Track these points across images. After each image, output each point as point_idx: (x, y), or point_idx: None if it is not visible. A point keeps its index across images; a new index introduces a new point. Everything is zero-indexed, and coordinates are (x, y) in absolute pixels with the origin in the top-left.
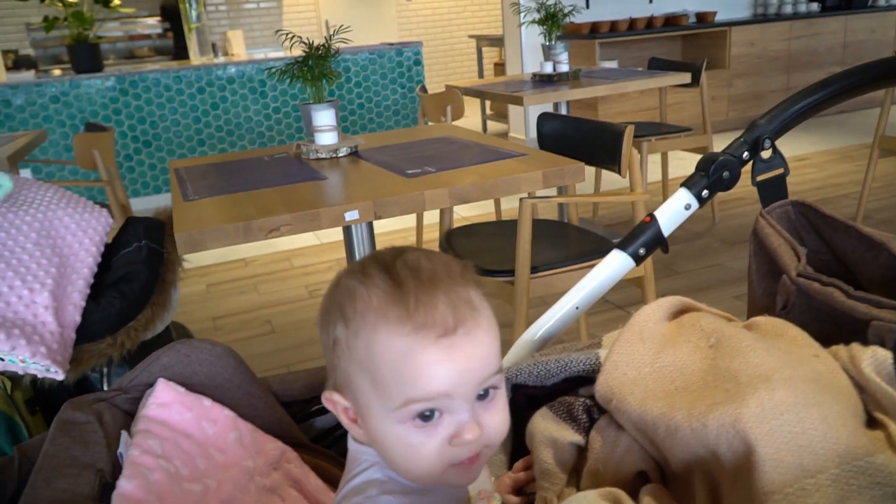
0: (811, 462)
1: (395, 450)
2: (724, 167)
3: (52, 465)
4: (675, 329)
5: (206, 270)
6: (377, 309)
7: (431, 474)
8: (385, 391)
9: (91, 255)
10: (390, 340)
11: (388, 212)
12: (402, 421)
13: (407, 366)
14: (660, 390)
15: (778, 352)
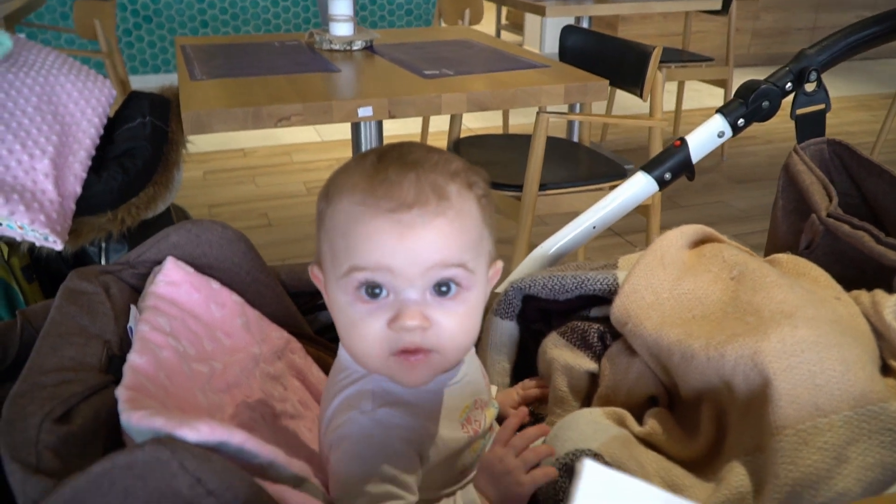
0: (826, 402)
1: (342, 324)
2: (764, 96)
3: (58, 332)
4: (696, 258)
5: (205, 157)
6: (352, 182)
7: (375, 359)
8: (336, 258)
9: (93, 125)
10: (348, 207)
11: (403, 112)
12: (347, 291)
13: (354, 231)
14: (678, 317)
15: (801, 290)
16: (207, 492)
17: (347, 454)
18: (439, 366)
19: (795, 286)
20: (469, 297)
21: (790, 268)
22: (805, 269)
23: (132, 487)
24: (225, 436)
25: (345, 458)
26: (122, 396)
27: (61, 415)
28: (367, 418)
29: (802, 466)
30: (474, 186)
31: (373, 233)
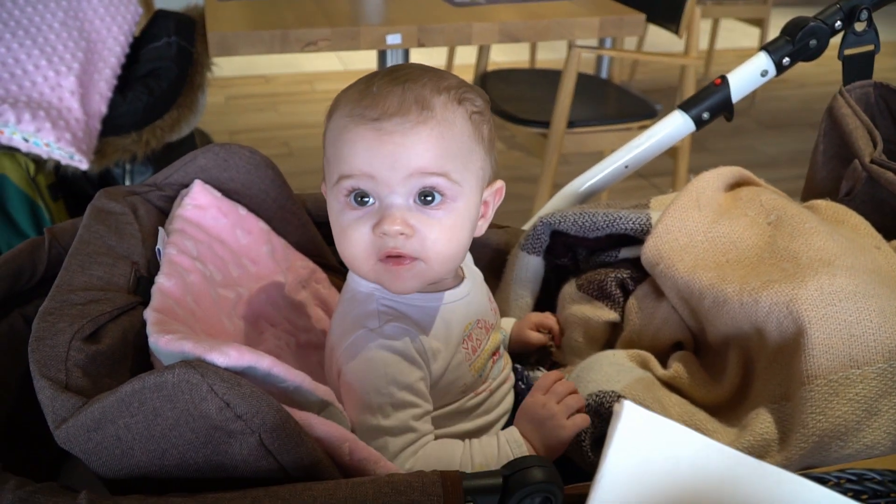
0: (860, 353)
1: (336, 231)
2: (812, 34)
3: (86, 251)
4: (733, 201)
5: (226, 82)
6: (345, 98)
7: (363, 263)
8: (328, 168)
9: (119, 44)
10: (339, 121)
11: (433, 40)
12: (338, 199)
13: (341, 140)
14: (711, 260)
15: (841, 238)
16: (236, 416)
17: (361, 370)
18: (425, 275)
19: (835, 234)
20: (455, 207)
21: (829, 214)
22: (844, 216)
23: (161, 409)
24: (253, 360)
25: (359, 374)
26: (150, 319)
27: (90, 334)
28: (376, 334)
29: (832, 417)
30: (466, 102)
31: (356, 140)
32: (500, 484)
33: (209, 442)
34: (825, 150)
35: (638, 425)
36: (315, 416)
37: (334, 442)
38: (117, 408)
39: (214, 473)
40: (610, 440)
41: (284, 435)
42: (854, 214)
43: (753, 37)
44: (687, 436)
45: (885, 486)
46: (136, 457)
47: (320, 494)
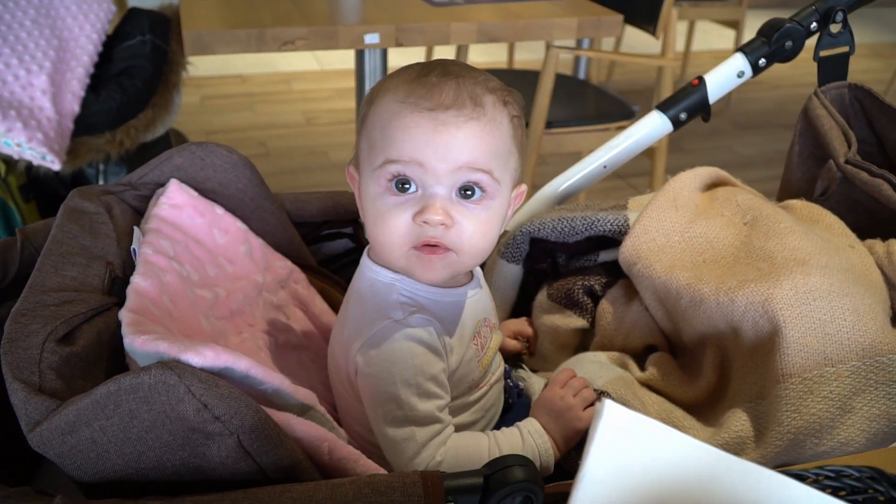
0: (835, 351)
1: (371, 215)
2: (788, 36)
3: (60, 251)
4: (709, 201)
5: (202, 81)
6: (394, 84)
7: (398, 250)
8: (372, 150)
9: (92, 42)
10: (389, 105)
11: (411, 40)
12: (379, 183)
13: (392, 125)
14: (688, 260)
15: (815, 237)
16: (214, 417)
17: (387, 361)
18: (455, 266)
19: (809, 233)
20: (492, 205)
21: (804, 214)
22: (819, 215)
23: (137, 411)
24: (230, 361)
25: (385, 364)
26: (125, 319)
27: (64, 335)
28: (402, 325)
29: (806, 415)
30: (509, 105)
31: (410, 126)
32: (481, 483)
33: (187, 444)
34: (800, 151)
35: (619, 424)
36: (294, 416)
37: (313, 442)
38: (92, 410)
39: (192, 476)
40: (591, 438)
41: (263, 436)
42: (828, 214)
43: (729, 39)
44: (668, 434)
45: (863, 483)
46: (111, 460)
47: (300, 496)
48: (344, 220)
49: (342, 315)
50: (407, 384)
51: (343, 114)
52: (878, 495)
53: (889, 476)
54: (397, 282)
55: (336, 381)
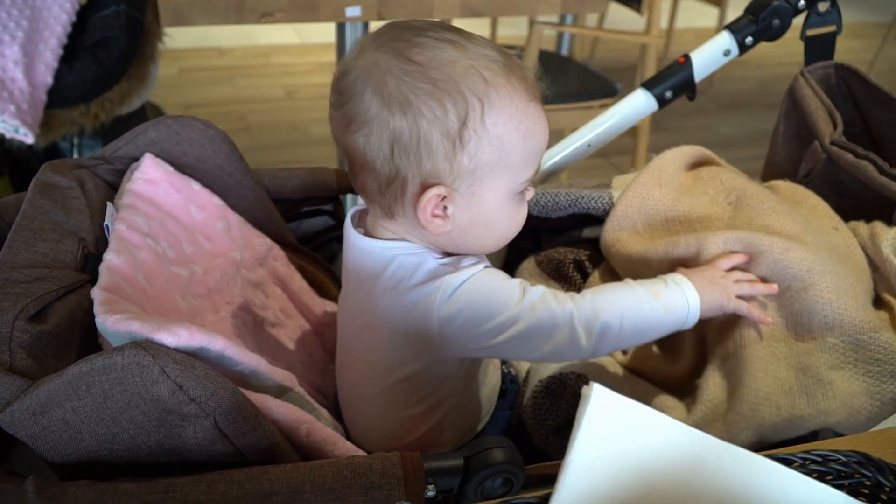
0: (809, 325)
1: (501, 225)
2: (775, 14)
3: (31, 226)
4: (693, 180)
5: (180, 54)
6: (501, 82)
7: (507, 241)
8: (517, 164)
9: (65, 12)
10: (521, 105)
11: (393, 13)
12: (516, 192)
13: (535, 131)
14: (669, 237)
15: (799, 218)
16: (190, 399)
17: (472, 301)
18: None
19: (793, 214)
20: None
21: (788, 195)
22: (803, 196)
23: (110, 392)
24: (205, 341)
25: (472, 305)
26: (97, 298)
27: (35, 313)
28: (460, 270)
29: (774, 377)
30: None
31: (544, 129)
32: (461, 465)
33: (161, 425)
34: (785, 132)
35: (606, 408)
36: (271, 398)
37: (291, 424)
38: (64, 391)
39: (167, 457)
40: (578, 423)
41: (240, 418)
42: (812, 195)
43: (712, 16)
44: (655, 418)
45: (850, 468)
46: (84, 441)
47: (277, 478)
48: (324, 198)
49: (371, 298)
50: (501, 304)
51: (324, 88)
52: (865, 480)
53: (875, 461)
54: (426, 251)
55: (361, 366)
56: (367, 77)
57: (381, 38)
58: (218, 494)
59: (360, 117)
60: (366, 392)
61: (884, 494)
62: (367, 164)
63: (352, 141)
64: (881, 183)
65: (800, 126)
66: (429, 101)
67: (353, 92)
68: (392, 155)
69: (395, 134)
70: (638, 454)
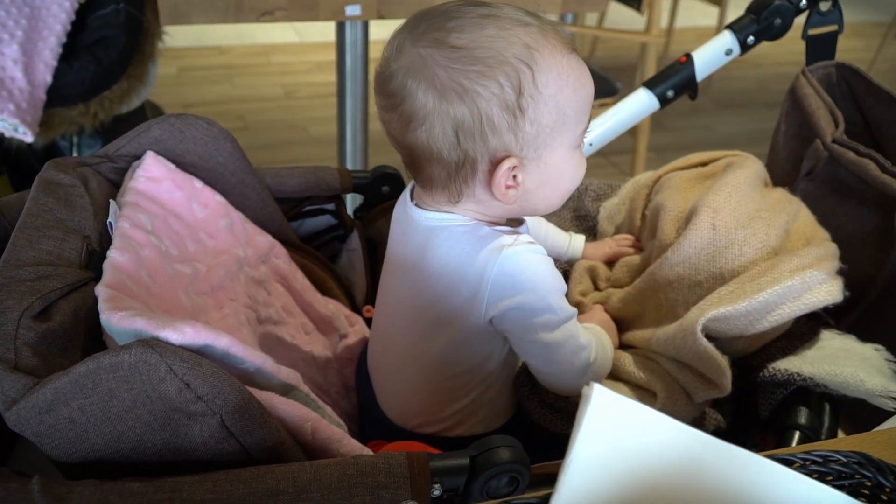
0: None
1: (566, 179)
2: (777, 13)
3: (35, 224)
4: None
5: (179, 53)
6: (542, 42)
7: (571, 193)
8: (574, 118)
9: (65, 10)
10: (564, 61)
11: (393, 12)
12: (577, 145)
13: (582, 82)
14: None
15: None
16: (197, 397)
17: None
18: None
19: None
20: None
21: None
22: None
23: (117, 390)
24: (210, 339)
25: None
26: (102, 295)
27: (40, 311)
28: (519, 245)
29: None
30: None
31: (589, 76)
32: (467, 464)
33: (168, 424)
34: (786, 131)
35: (607, 408)
36: (277, 396)
37: (297, 422)
38: (70, 389)
39: (173, 456)
40: (579, 423)
41: (247, 416)
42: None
43: (713, 16)
44: (655, 419)
45: (850, 468)
46: (90, 440)
47: (283, 477)
48: (326, 197)
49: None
50: (551, 291)
51: (323, 87)
52: (865, 480)
53: (876, 461)
54: (476, 221)
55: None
56: (416, 74)
57: (416, 31)
58: (224, 494)
59: (419, 113)
60: (409, 361)
61: (884, 495)
62: (433, 155)
63: (413, 138)
64: (882, 181)
65: (801, 125)
66: (482, 81)
67: (405, 92)
68: (458, 141)
69: (457, 121)
70: (638, 454)
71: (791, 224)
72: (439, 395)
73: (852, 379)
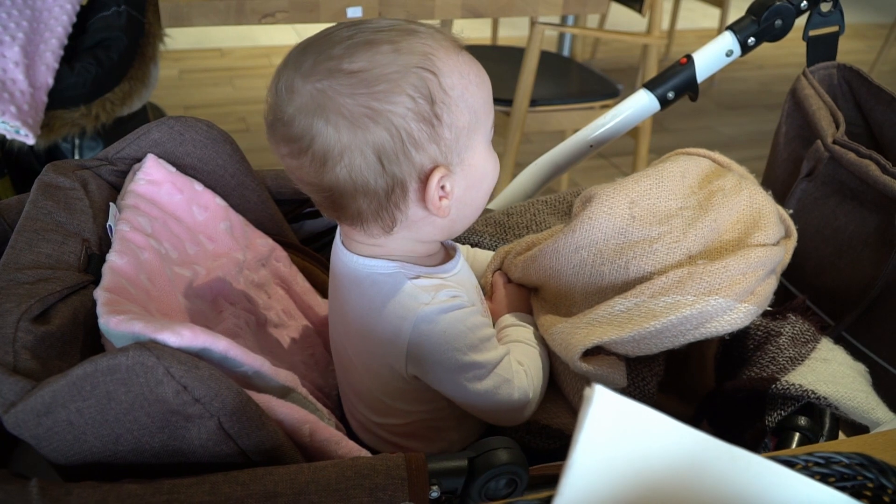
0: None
1: (488, 178)
2: (778, 14)
3: (34, 227)
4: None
5: (180, 55)
6: (434, 45)
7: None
8: (485, 114)
9: (66, 12)
10: (460, 60)
11: (393, 13)
12: (489, 139)
13: (479, 77)
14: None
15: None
16: (194, 399)
17: (443, 342)
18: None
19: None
20: None
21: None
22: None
23: (115, 392)
24: (208, 342)
25: (442, 345)
26: (101, 299)
27: (39, 314)
28: (435, 307)
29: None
30: None
31: (484, 72)
32: (466, 466)
33: (166, 426)
34: (787, 132)
35: (609, 410)
36: (275, 398)
37: (295, 424)
38: (68, 392)
39: (171, 459)
40: (580, 425)
41: (245, 418)
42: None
43: (714, 17)
44: (657, 420)
45: (852, 469)
46: (89, 442)
47: (282, 479)
48: None
49: (346, 313)
50: (473, 348)
51: None
52: (867, 482)
53: (878, 463)
54: (400, 269)
55: (352, 368)
56: (319, 110)
57: (303, 67)
58: (222, 496)
59: (334, 150)
60: (364, 394)
61: (886, 496)
62: (358, 189)
63: (333, 177)
64: (883, 182)
65: (802, 126)
66: (392, 98)
67: (312, 132)
68: (384, 167)
69: (377, 146)
70: (640, 456)
71: (725, 222)
72: (400, 428)
73: (863, 406)
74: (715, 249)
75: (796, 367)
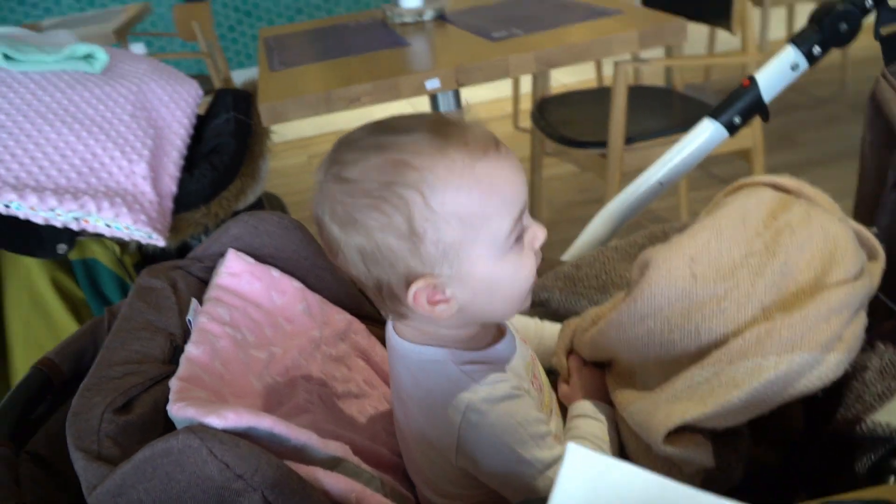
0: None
1: (504, 285)
2: (841, 18)
3: (127, 327)
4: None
5: (307, 142)
6: (436, 161)
7: (525, 293)
8: (488, 226)
9: (184, 126)
10: (466, 171)
11: (471, 79)
12: (508, 250)
13: (494, 186)
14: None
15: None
16: (236, 475)
17: (494, 437)
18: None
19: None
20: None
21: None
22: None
23: (172, 473)
24: (253, 421)
25: (494, 441)
26: (173, 387)
27: (122, 405)
28: (483, 401)
29: None
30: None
31: (508, 176)
32: None
33: (221, 502)
34: (872, 141)
35: (582, 467)
36: (320, 469)
37: (342, 493)
38: (134, 474)
39: None
40: (555, 483)
41: (288, 490)
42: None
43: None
44: (632, 474)
45: None
46: None
47: None
48: None
49: (402, 394)
50: (524, 444)
51: None
52: None
53: None
54: (448, 355)
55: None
56: (322, 206)
57: (326, 163)
58: None
59: (333, 243)
60: (419, 472)
61: None
62: (357, 280)
63: (341, 264)
64: None
65: (886, 132)
66: (371, 214)
67: (320, 222)
68: (368, 268)
69: (360, 250)
70: None
71: (797, 263)
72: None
73: None
74: (791, 296)
75: (884, 405)
